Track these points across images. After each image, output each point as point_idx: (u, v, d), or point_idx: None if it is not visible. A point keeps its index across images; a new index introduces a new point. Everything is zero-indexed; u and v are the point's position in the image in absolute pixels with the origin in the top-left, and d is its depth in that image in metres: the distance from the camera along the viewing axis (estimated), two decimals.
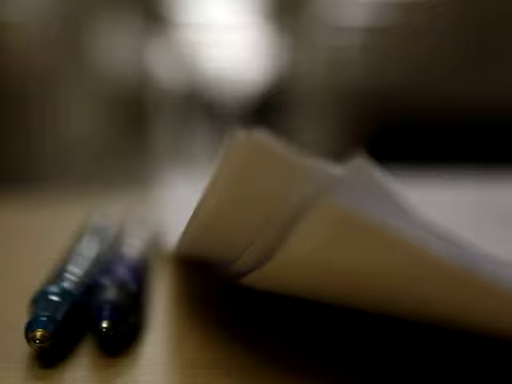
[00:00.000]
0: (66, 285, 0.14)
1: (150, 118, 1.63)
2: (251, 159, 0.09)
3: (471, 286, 0.09)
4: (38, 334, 0.12)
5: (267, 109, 1.62)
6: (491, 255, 0.10)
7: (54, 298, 0.13)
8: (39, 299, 0.14)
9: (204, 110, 1.61)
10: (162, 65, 1.59)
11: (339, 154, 1.59)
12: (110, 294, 0.14)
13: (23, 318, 0.15)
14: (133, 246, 0.18)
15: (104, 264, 0.17)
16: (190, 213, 0.12)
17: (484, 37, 1.55)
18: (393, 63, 1.58)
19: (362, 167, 0.10)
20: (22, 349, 0.13)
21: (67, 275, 0.15)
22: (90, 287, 0.15)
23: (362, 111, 1.60)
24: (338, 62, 1.59)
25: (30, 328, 0.12)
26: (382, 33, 1.57)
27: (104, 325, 0.13)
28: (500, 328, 0.10)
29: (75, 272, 0.15)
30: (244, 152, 0.09)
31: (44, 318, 0.13)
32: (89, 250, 0.17)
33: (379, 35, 1.57)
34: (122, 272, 0.15)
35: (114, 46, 1.56)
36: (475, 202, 0.27)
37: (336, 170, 0.10)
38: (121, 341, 0.14)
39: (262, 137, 0.09)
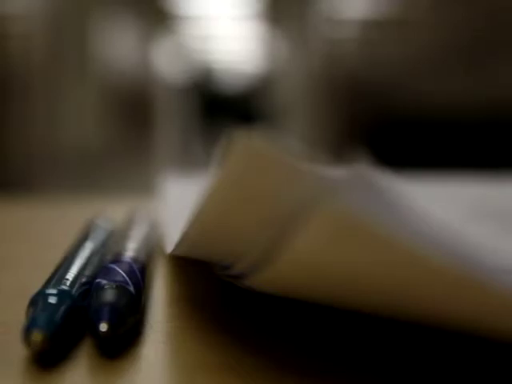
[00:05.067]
0: (64, 287, 0.14)
1: (152, 114, 1.63)
2: (250, 162, 0.09)
3: (473, 291, 0.09)
4: (37, 336, 0.12)
5: (263, 103, 1.62)
6: (493, 260, 0.10)
7: (53, 300, 0.13)
8: (38, 301, 0.14)
9: (204, 103, 1.61)
10: (165, 58, 1.60)
11: (336, 150, 1.58)
12: (109, 295, 0.14)
13: (22, 320, 0.15)
14: (132, 248, 0.18)
15: (103, 266, 0.17)
16: (190, 214, 0.12)
17: (486, 30, 1.54)
18: (391, 56, 1.58)
19: (363, 170, 0.10)
20: (20, 351, 0.13)
21: (66, 277, 0.15)
22: (89, 289, 0.15)
23: (359, 105, 1.60)
24: (336, 54, 1.58)
25: (28, 330, 0.12)
26: (380, 26, 1.57)
27: (103, 327, 0.13)
28: (500, 330, 0.10)
29: (74, 274, 0.15)
30: (243, 154, 0.09)
31: (43, 320, 0.13)
32: (88, 251, 0.17)
33: (377, 28, 1.57)
34: (121, 274, 0.15)
35: (117, 41, 1.56)
36: (472, 201, 0.27)
37: (336, 172, 0.10)
38: (120, 343, 0.14)
39: (260, 139, 0.09)
